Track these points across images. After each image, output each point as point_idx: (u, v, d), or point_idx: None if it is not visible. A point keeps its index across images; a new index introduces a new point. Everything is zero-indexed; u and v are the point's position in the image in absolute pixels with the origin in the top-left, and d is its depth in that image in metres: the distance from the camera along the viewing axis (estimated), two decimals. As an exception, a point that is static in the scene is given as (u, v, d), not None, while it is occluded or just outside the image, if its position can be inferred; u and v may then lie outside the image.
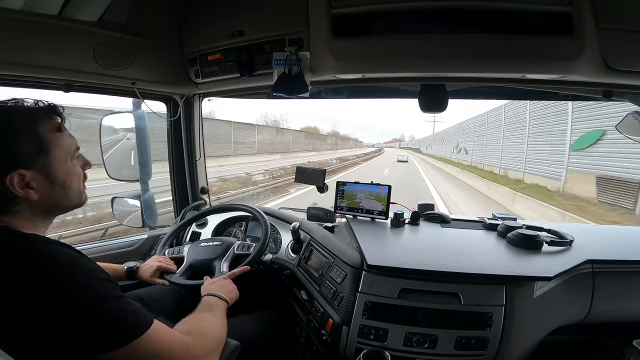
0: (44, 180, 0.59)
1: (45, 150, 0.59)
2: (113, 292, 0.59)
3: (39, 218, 0.62)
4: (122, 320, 0.57)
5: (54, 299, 0.53)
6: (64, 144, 0.63)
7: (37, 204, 0.60)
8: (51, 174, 0.60)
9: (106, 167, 1.35)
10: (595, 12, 0.82)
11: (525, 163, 9.97)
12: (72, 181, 0.64)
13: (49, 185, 0.60)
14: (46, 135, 0.60)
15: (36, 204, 0.59)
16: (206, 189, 1.72)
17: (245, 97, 1.62)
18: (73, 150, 0.65)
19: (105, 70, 1.08)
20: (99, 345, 0.55)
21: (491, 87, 1.22)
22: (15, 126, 0.57)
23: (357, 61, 0.99)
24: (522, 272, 0.93)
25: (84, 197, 0.68)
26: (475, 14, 0.88)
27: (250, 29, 1.10)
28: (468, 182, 12.01)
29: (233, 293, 0.94)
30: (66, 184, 0.63)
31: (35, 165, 0.58)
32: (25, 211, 0.59)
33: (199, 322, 0.75)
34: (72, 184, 0.64)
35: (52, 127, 0.61)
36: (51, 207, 0.63)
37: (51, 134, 0.61)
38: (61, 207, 0.65)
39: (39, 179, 0.59)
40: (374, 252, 1.02)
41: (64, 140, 0.63)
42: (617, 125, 1.21)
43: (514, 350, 0.90)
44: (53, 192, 0.61)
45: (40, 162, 0.59)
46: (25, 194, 0.57)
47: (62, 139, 0.63)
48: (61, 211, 0.66)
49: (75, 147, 0.66)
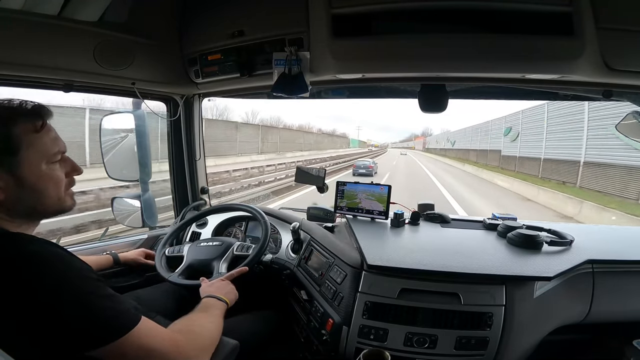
0: (10, 181, 0.57)
1: (14, 150, 0.57)
2: (101, 290, 0.59)
3: (19, 220, 0.61)
4: (110, 318, 0.57)
5: (41, 298, 0.53)
6: (40, 146, 0.60)
7: (9, 206, 0.58)
8: (19, 176, 0.58)
9: (106, 167, 1.35)
10: (595, 12, 0.82)
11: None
12: (45, 186, 0.61)
13: (16, 187, 0.58)
14: (19, 136, 0.58)
15: (7, 205, 0.58)
16: (206, 189, 1.71)
17: (245, 97, 1.62)
18: (52, 153, 0.62)
19: (105, 70, 1.08)
20: (88, 342, 0.55)
21: (491, 87, 1.22)
22: None
23: (357, 61, 0.99)
24: (522, 272, 0.93)
25: (67, 203, 0.66)
26: (476, 14, 0.88)
27: (250, 29, 1.10)
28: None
29: (232, 294, 0.94)
30: (36, 187, 0.60)
31: (2, 164, 0.57)
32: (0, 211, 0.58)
33: (192, 321, 0.75)
34: (45, 189, 0.61)
35: (27, 128, 0.59)
36: (25, 210, 0.61)
37: (25, 135, 0.58)
38: (38, 211, 0.62)
39: (5, 179, 0.57)
40: (374, 252, 1.02)
41: (41, 143, 0.60)
42: (617, 125, 1.21)
43: (514, 350, 0.90)
44: (22, 195, 0.59)
45: (7, 162, 0.57)
46: None
47: (39, 140, 0.60)
48: (40, 216, 0.64)
49: (58, 151, 0.63)
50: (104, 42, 1.03)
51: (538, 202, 9.23)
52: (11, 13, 0.86)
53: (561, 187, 9.76)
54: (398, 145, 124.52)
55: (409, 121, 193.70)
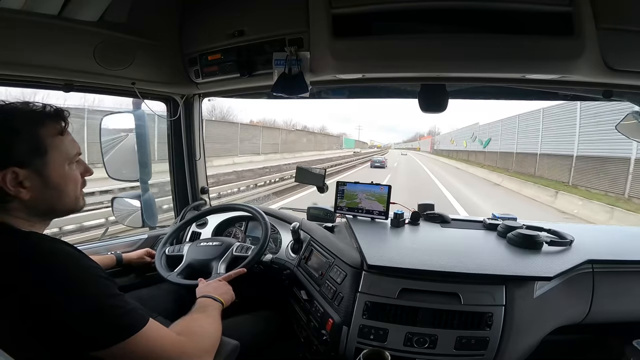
0: (37, 181, 0.60)
1: (43, 152, 0.60)
2: (111, 290, 0.59)
3: (35, 218, 0.63)
4: (118, 317, 0.57)
5: (52, 296, 0.53)
6: (63, 147, 0.63)
7: (31, 205, 0.60)
8: (45, 176, 0.61)
9: (106, 167, 1.35)
10: (595, 12, 0.82)
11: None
12: (67, 185, 0.64)
13: (42, 187, 0.61)
14: (46, 138, 0.61)
15: (29, 204, 0.60)
16: (206, 189, 1.72)
17: (245, 97, 1.63)
18: (72, 155, 0.65)
19: (105, 70, 1.08)
20: (95, 342, 0.55)
21: (491, 87, 1.22)
22: (15, 125, 0.58)
23: (357, 61, 0.99)
24: (522, 272, 0.93)
25: (80, 203, 0.68)
26: (476, 14, 0.88)
27: (250, 29, 1.10)
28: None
29: (228, 295, 0.94)
30: (60, 187, 0.63)
31: (31, 165, 0.59)
32: (19, 210, 0.60)
33: (193, 322, 0.75)
34: (66, 189, 0.64)
35: (53, 130, 0.62)
36: (45, 209, 0.63)
37: (51, 137, 0.62)
38: (56, 210, 0.65)
39: (33, 179, 0.59)
40: (374, 252, 1.02)
41: (64, 145, 0.64)
42: (617, 125, 1.21)
43: (514, 350, 0.90)
44: (46, 194, 0.61)
45: (36, 163, 0.60)
46: (17, 192, 0.58)
47: (63, 142, 0.63)
48: (56, 215, 0.66)
49: (76, 152, 0.66)
50: (104, 42, 1.03)
51: None
52: (11, 13, 0.86)
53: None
54: (401, 145, 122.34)
55: (413, 121, 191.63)
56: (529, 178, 12.36)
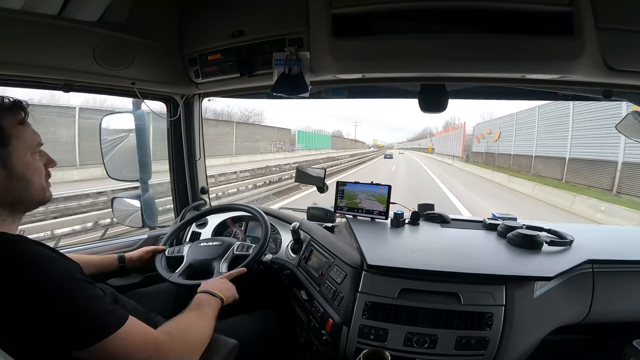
0: (2, 172, 0.61)
1: (6, 142, 0.61)
2: (86, 291, 0.60)
3: (5, 212, 0.63)
4: (95, 319, 0.58)
5: (24, 298, 0.54)
6: (26, 137, 0.64)
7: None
8: (10, 166, 0.61)
9: (106, 167, 1.35)
10: (595, 12, 0.82)
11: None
12: (32, 176, 0.65)
13: (7, 178, 0.61)
14: (8, 128, 0.61)
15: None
16: (206, 189, 1.72)
17: (245, 97, 1.63)
18: (34, 145, 0.66)
19: (105, 70, 1.08)
20: (72, 343, 0.56)
21: (491, 87, 1.22)
22: None
23: (357, 61, 0.99)
24: (522, 272, 0.93)
25: (47, 194, 0.69)
26: (475, 14, 0.88)
27: (250, 29, 1.10)
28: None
29: (230, 292, 0.94)
30: (25, 177, 0.64)
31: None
32: None
33: (182, 321, 0.76)
34: (32, 179, 0.65)
35: (14, 121, 0.63)
36: (12, 200, 0.63)
37: (13, 127, 0.62)
38: (24, 202, 0.65)
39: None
40: (374, 252, 1.02)
41: (27, 135, 0.64)
42: (617, 125, 1.20)
43: (514, 350, 0.90)
44: (11, 185, 0.62)
45: (0, 154, 0.60)
46: None
47: (25, 132, 0.64)
48: (25, 207, 0.67)
49: (38, 142, 0.67)
50: (104, 42, 1.03)
51: None
52: (11, 13, 0.86)
53: None
54: (405, 145, 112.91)
55: (420, 119, 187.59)
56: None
